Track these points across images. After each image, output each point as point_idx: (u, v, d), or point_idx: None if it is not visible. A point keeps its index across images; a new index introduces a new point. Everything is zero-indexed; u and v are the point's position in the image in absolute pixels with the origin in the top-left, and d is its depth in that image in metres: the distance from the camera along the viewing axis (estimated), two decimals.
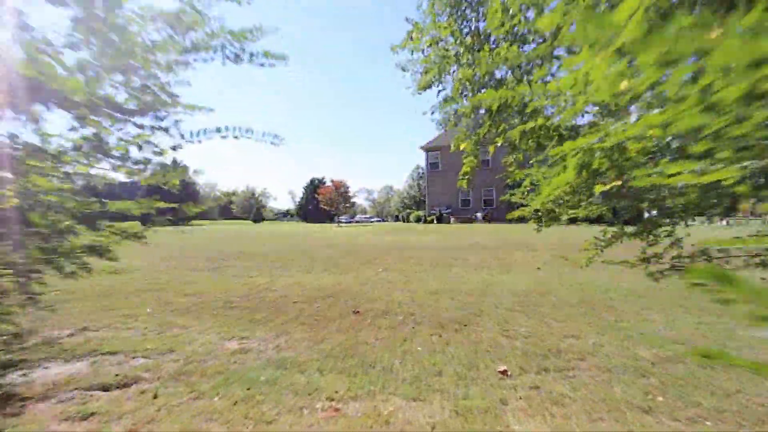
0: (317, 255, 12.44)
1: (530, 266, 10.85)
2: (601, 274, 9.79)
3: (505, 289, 8.01)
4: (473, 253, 12.73)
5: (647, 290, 7.86)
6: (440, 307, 6.50)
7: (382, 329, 5.22)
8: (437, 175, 32.97)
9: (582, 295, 7.44)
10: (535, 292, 7.65)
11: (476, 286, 8.22)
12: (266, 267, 10.78)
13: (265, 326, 5.41)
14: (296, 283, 8.67)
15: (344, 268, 10.70)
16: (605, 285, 8.45)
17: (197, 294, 7.59)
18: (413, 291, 7.84)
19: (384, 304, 6.76)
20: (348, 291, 7.88)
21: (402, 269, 10.46)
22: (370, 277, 9.48)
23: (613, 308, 6.37)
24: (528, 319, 5.72)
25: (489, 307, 6.42)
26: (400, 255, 12.44)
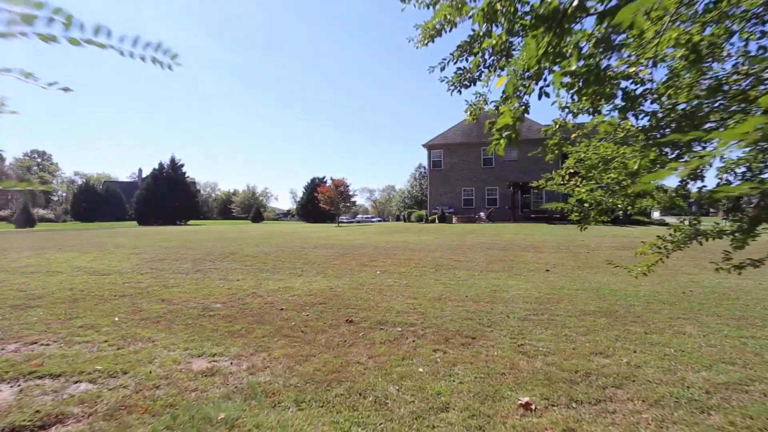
0: (311, 256, 11.72)
1: (539, 268, 10.12)
2: (614, 277, 9.05)
3: (516, 294, 7.28)
4: (478, 254, 12.00)
5: (670, 296, 7.13)
6: (444, 316, 5.77)
7: (378, 344, 4.49)
8: (440, 173, 32.21)
9: (600, 301, 6.71)
10: (548, 298, 6.92)
11: (484, 292, 7.49)
12: (255, 269, 10.06)
13: (242, 339, 4.69)
14: (285, 288, 7.95)
15: (339, 270, 9.98)
16: (623, 289, 7.72)
17: (175, 300, 6.87)
18: (414, 297, 7.12)
19: (381, 312, 6.04)
20: (341, 297, 7.16)
21: (402, 272, 9.73)
22: (366, 280, 8.76)
23: (639, 318, 5.63)
24: (545, 330, 5.00)
25: (499, 317, 5.69)
26: (400, 256, 11.72)
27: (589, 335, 4.79)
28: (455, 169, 31.54)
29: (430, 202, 32.16)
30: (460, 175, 31.43)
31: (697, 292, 7.43)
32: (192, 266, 10.50)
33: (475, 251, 12.47)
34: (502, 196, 30.23)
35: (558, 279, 8.87)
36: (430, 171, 32.57)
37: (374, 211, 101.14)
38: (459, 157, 31.53)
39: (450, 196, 31.61)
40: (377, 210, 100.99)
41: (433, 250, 12.70)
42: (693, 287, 7.94)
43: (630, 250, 12.93)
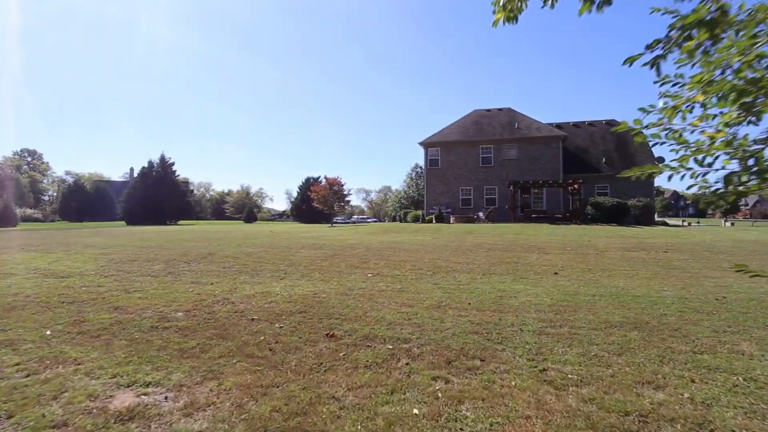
0: (298, 257, 10.76)
1: (546, 271, 9.20)
2: (630, 281, 8.15)
3: (525, 301, 6.34)
4: (479, 255, 11.07)
5: (703, 303, 6.22)
6: (445, 328, 4.82)
7: (362, 368, 3.54)
8: (437, 172, 31.20)
9: (624, 310, 5.79)
10: (563, 306, 5.99)
11: (488, 298, 6.55)
12: (233, 272, 9.08)
13: (193, 361, 3.73)
14: (262, 294, 6.99)
15: (327, 273, 9.02)
16: (645, 295, 6.80)
17: (130, 308, 5.90)
18: (409, 305, 6.17)
19: (369, 324, 5.08)
20: (325, 304, 6.20)
21: (396, 275, 8.78)
22: (356, 285, 7.81)
23: (678, 331, 4.71)
24: (569, 348, 4.06)
25: (510, 330, 4.74)
26: (394, 258, 10.78)
27: (625, 355, 3.85)
28: (453, 168, 30.57)
29: (427, 201, 31.17)
30: (458, 173, 30.47)
31: (732, 299, 6.52)
32: (164, 268, 9.51)
33: (476, 252, 11.54)
34: (501, 195, 29.31)
35: (569, 283, 7.95)
36: (427, 170, 31.57)
37: (370, 212, 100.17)
38: (457, 156, 30.58)
39: (448, 195, 30.63)
40: (373, 211, 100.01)
41: (431, 251, 11.75)
42: (724, 293, 7.04)
43: (642, 251, 12.04)
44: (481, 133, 30.85)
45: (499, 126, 31.18)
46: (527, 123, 31.00)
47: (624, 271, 9.19)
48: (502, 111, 32.90)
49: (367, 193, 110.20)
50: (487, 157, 30.31)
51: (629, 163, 29.62)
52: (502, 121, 31.67)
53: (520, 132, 30.10)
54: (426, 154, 31.22)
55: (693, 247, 12.89)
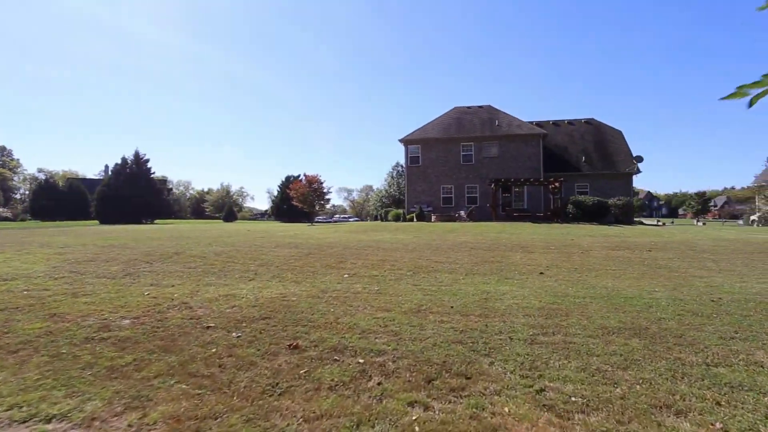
0: (270, 256, 10.09)
1: (532, 271, 8.76)
2: (619, 281, 7.76)
3: (512, 304, 5.84)
4: (461, 254, 10.58)
5: (699, 305, 5.82)
6: (425, 337, 4.26)
7: (325, 390, 2.96)
8: (417, 170, 30.65)
9: (619, 313, 5.34)
10: (553, 310, 5.51)
11: (473, 301, 6.03)
12: (198, 272, 8.37)
13: (121, 382, 3.09)
14: (226, 297, 6.33)
15: (300, 273, 8.38)
16: (638, 296, 6.39)
17: (70, 315, 5.18)
18: (386, 308, 5.60)
19: (340, 332, 4.50)
20: (294, 309, 5.59)
21: (374, 276, 8.21)
22: (330, 286, 7.21)
23: (682, 338, 4.25)
24: (566, 361, 3.54)
25: (499, 338, 4.22)
26: (373, 257, 10.20)
27: (632, 369, 3.35)
28: (434, 166, 30.08)
29: (408, 200, 30.63)
30: (439, 171, 30.00)
31: (727, 301, 6.15)
32: (122, 268, 8.72)
33: (458, 251, 11.05)
34: (482, 194, 28.97)
35: (557, 284, 7.50)
36: (408, 167, 31.00)
37: (353, 212, 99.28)
38: (437, 153, 30.11)
39: (429, 193, 30.15)
40: (355, 210, 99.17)
41: (411, 250, 11.21)
42: (717, 293, 6.69)
43: (626, 250, 11.74)
44: (462, 131, 30.47)
45: (480, 123, 30.87)
46: (508, 120, 30.78)
47: (611, 271, 8.82)
48: (483, 108, 32.61)
49: (349, 192, 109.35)
50: (468, 154, 29.94)
51: (608, 162, 29.69)
52: (483, 118, 31.37)
53: (500, 129, 29.83)
54: (406, 151, 30.68)
55: (676, 246, 12.67)
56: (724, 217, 66.68)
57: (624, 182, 28.79)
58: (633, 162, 28.52)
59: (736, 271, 9.01)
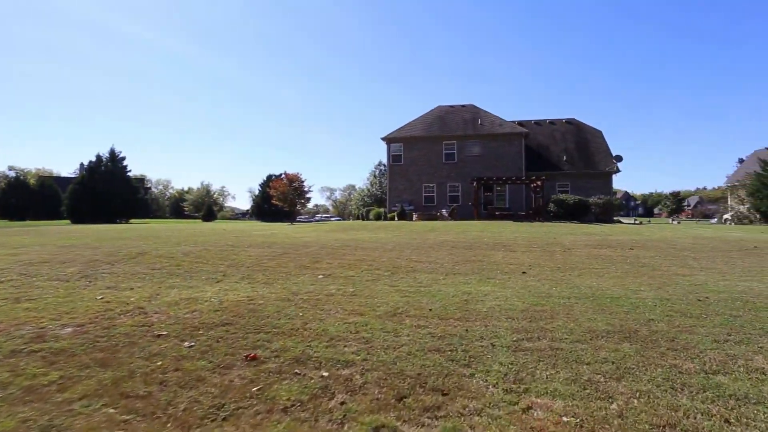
0: (242, 257, 9.57)
1: (514, 270, 8.47)
2: (603, 280, 7.53)
3: (494, 305, 5.50)
4: (442, 254, 10.24)
5: (686, 305, 5.58)
6: (399, 345, 3.87)
7: (278, 412, 2.54)
8: (399, 168, 30.25)
9: (606, 315, 5.04)
10: (538, 312, 5.19)
11: (452, 303, 5.67)
12: (163, 274, 7.82)
13: (35, 407, 2.61)
14: (187, 300, 5.84)
15: (272, 274, 7.91)
16: (624, 296, 6.13)
17: (2, 323, 4.62)
18: (359, 312, 5.20)
19: (306, 339, 4.08)
20: (259, 313, 5.15)
21: (350, 276, 7.79)
22: (302, 288, 6.77)
23: (674, 341, 3.96)
24: (554, 371, 3.20)
25: (480, 345, 3.86)
26: (350, 257, 9.77)
27: (626, 380, 3.02)
28: (416, 164, 29.77)
29: (390, 199, 30.25)
30: (421, 170, 29.70)
31: (714, 300, 5.93)
32: (80, 270, 8.11)
33: (439, 250, 10.71)
34: (464, 193, 28.78)
35: (540, 283, 7.21)
36: (390, 166, 30.61)
37: (335, 211, 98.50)
38: (420, 152, 29.81)
39: (410, 192, 29.82)
40: (338, 210, 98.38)
41: (390, 249, 10.83)
42: (703, 292, 6.48)
43: (608, 249, 11.57)
44: (445, 129, 30.25)
45: (463, 122, 30.71)
46: (490, 119, 30.67)
47: (594, 270, 8.58)
48: (466, 107, 32.46)
49: (332, 192, 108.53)
50: (450, 153, 29.73)
51: (588, 162, 29.85)
52: (466, 117, 31.21)
53: (483, 128, 29.71)
54: (388, 149, 30.30)
55: (657, 244, 12.58)
56: (697, 217, 68.30)
57: (604, 181, 28.99)
58: (613, 161, 28.72)
59: (717, 268, 8.88)
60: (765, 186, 25.09)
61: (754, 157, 35.77)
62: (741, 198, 29.79)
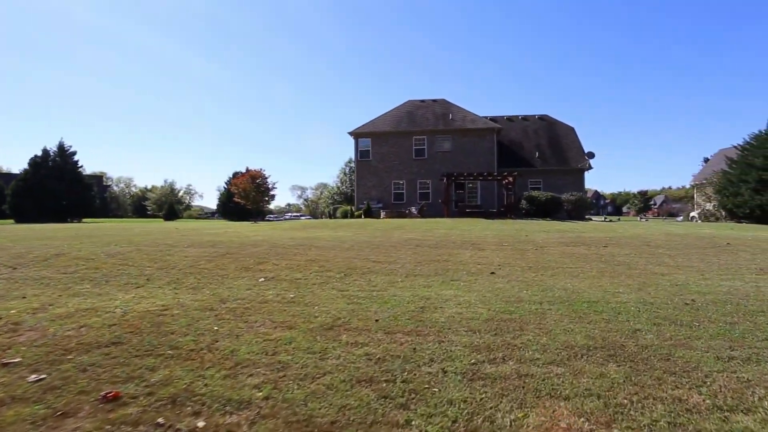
0: (177, 258, 8.44)
1: (482, 270, 7.66)
2: (577, 280, 6.80)
3: (454, 314, 4.64)
4: (404, 253, 9.36)
5: (673, 310, 4.86)
6: (321, 373, 2.94)
7: None
8: (368, 165, 29.27)
9: (585, 324, 4.25)
10: (505, 321, 4.34)
11: (406, 311, 4.77)
12: (74, 279, 6.65)
13: None
14: (84, 312, 4.76)
15: (205, 278, 6.85)
16: (602, 299, 5.38)
17: None
18: (289, 325, 4.25)
19: (204, 365, 3.10)
20: (164, 328, 4.13)
21: (295, 280, 6.81)
22: (235, 294, 5.77)
23: (670, 361, 3.17)
24: (523, 413, 2.33)
25: (428, 371, 2.96)
26: (301, 257, 8.77)
27: (620, 425, 2.17)
28: (385, 161, 28.86)
29: (358, 196, 29.22)
30: (390, 166, 28.80)
31: (702, 303, 5.24)
32: None
33: (401, 249, 9.82)
34: (435, 190, 28.06)
35: (509, 285, 6.41)
36: (358, 162, 29.57)
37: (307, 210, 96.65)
38: (389, 147, 28.92)
39: (379, 189, 28.89)
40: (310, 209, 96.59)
41: (348, 248, 9.87)
42: (687, 294, 5.81)
43: (582, 246, 10.94)
44: (415, 124, 29.44)
45: (433, 117, 29.96)
46: (462, 114, 30.05)
47: (568, 269, 7.86)
48: (437, 102, 31.75)
49: (303, 190, 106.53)
50: (421, 149, 28.95)
51: (561, 158, 29.63)
52: (437, 112, 30.49)
53: (454, 123, 29.05)
54: (356, 145, 29.28)
55: (630, 241, 12.05)
56: (663, 215, 69.97)
57: (576, 178, 28.79)
58: (585, 158, 28.55)
59: (694, 266, 8.32)
60: (731, 183, 25.35)
61: (719, 156, 36.46)
62: (708, 196, 30.15)
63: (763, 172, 23.47)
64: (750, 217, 23.84)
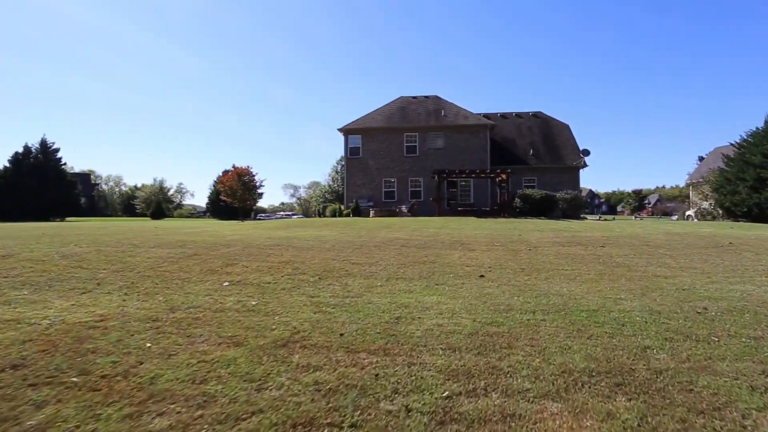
0: (138, 259, 7.74)
1: (470, 273, 7.03)
2: (574, 284, 6.19)
3: (433, 327, 3.99)
4: (388, 253, 8.70)
5: (685, 320, 4.25)
6: (251, 411, 2.28)
7: None
8: (358, 162, 28.54)
9: (585, 340, 3.62)
10: (491, 336, 3.71)
11: (378, 322, 4.13)
12: (13, 284, 5.92)
13: None
14: (5, 324, 4.09)
15: (163, 282, 6.16)
16: (603, 308, 4.76)
17: None
18: (238, 341, 3.60)
19: (108, 398, 2.44)
20: (83, 346, 3.46)
21: (263, 284, 6.15)
22: (190, 301, 5.11)
23: (691, 391, 2.55)
24: None
25: (387, 410, 2.31)
26: (275, 258, 8.09)
27: None
28: (375, 158, 28.15)
29: (347, 194, 28.49)
30: (381, 164, 28.09)
31: (715, 311, 4.65)
32: None
33: (386, 250, 9.16)
34: (426, 188, 27.40)
35: (499, 290, 5.79)
36: (347, 159, 28.80)
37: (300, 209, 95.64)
38: (380, 144, 28.21)
39: (370, 187, 28.17)
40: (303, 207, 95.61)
41: (329, 249, 9.20)
42: (694, 299, 5.23)
43: (578, 246, 10.33)
44: (406, 120, 28.73)
45: (425, 113, 29.27)
46: (454, 111, 29.41)
47: (564, 272, 7.24)
48: (429, 98, 31.06)
49: (296, 189, 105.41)
50: (412, 146, 28.26)
51: (555, 156, 29.08)
52: (429, 108, 29.79)
53: (446, 120, 28.37)
54: (346, 141, 28.53)
55: (629, 241, 11.45)
56: (657, 214, 69.70)
57: (571, 176, 28.25)
58: (580, 155, 28.00)
59: (698, 268, 7.73)
60: (729, 182, 24.87)
61: (715, 154, 36.07)
62: (705, 194, 29.71)
63: (761, 169, 23.02)
64: (747, 216, 23.38)
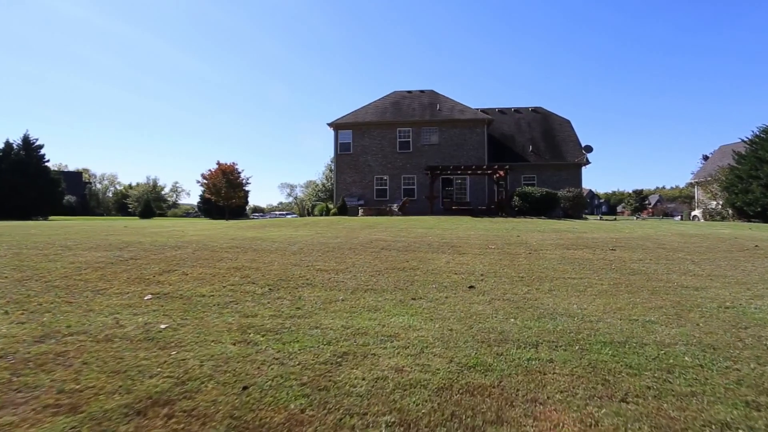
0: (60, 264, 6.38)
1: (458, 283, 5.74)
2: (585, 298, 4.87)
3: (389, 372, 2.71)
4: (364, 258, 7.40)
5: (762, 366, 2.95)
6: None
7: None
8: (348, 158, 26.99)
9: (615, 404, 2.31)
10: (470, 397, 2.39)
11: (314, 362, 2.85)
12: None
13: None
14: None
15: (66, 295, 4.87)
16: (630, 338, 3.49)
17: None
18: (80, 401, 2.28)
19: None
20: None
21: (195, 296, 4.86)
22: (82, 322, 3.87)
23: None
24: None
25: None
26: (229, 262, 6.80)
27: None
28: (367, 154, 26.79)
29: (337, 192, 27.09)
30: (373, 160, 26.72)
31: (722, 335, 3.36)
32: None
33: (362, 253, 7.85)
34: (420, 185, 26.06)
35: (491, 308, 4.51)
36: (338, 155, 27.38)
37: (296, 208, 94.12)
38: (371, 140, 26.86)
39: (361, 185, 26.80)
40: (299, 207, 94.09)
41: (295, 252, 7.89)
42: (747, 322, 4.00)
43: (585, 250, 9.03)
44: (400, 115, 27.38)
45: (420, 108, 27.92)
46: (450, 105, 28.07)
47: (571, 281, 5.95)
48: (425, 93, 29.71)
49: (292, 188, 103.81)
50: (406, 141, 26.90)
51: (556, 152, 27.78)
52: (423, 102, 28.44)
53: (441, 114, 27.03)
54: (336, 137, 27.15)
55: (642, 243, 10.15)
56: (658, 214, 68.48)
57: (572, 174, 26.93)
58: (582, 152, 26.67)
59: (729, 276, 6.48)
60: (740, 180, 23.54)
61: (720, 153, 34.78)
62: (713, 193, 28.38)
63: None
64: (761, 216, 22.04)
